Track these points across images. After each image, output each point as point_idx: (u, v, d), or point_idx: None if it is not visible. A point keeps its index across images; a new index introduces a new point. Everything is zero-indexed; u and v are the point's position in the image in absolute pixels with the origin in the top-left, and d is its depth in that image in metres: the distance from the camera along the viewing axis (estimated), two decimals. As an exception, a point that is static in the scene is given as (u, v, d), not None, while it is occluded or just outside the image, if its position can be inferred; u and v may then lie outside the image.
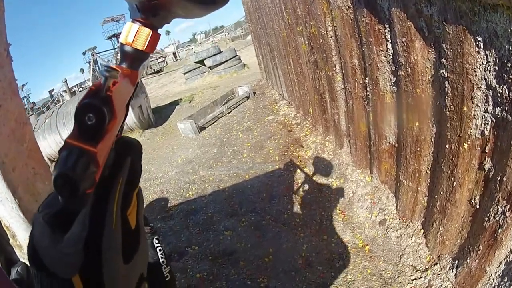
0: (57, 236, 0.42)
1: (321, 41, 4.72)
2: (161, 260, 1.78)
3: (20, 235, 2.14)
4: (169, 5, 0.53)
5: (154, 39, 0.53)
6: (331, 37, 4.38)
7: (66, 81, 32.22)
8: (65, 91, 32.43)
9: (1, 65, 1.45)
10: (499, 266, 2.28)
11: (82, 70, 43.63)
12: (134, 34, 0.52)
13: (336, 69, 4.57)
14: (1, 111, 1.44)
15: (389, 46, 3.05)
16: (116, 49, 40.56)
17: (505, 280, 2.23)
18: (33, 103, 41.64)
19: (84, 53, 41.20)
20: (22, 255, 2.20)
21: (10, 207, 1.99)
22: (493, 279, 2.34)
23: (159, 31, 0.55)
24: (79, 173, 0.39)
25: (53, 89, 40.76)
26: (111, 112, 0.42)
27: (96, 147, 0.41)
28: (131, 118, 10.42)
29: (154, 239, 1.76)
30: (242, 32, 43.94)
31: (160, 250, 1.78)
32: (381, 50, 3.18)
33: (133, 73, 0.54)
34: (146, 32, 0.52)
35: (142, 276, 0.57)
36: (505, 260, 2.22)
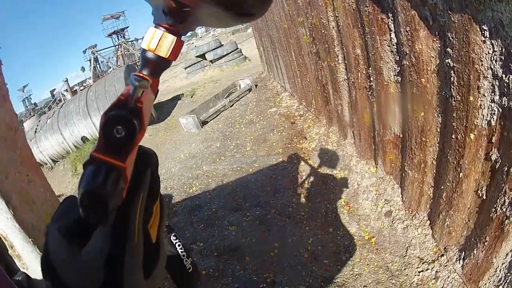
0: (75, 250, 0.41)
1: (323, 31, 4.69)
2: (181, 254, 1.84)
3: (18, 245, 2.12)
4: (200, 13, 0.52)
5: (178, 47, 0.51)
6: (333, 27, 4.35)
7: (67, 80, 32.55)
8: (66, 90, 32.70)
9: (-12, 70, 1.42)
10: (505, 257, 2.27)
11: (83, 69, 43.81)
12: (157, 40, 0.50)
13: (338, 59, 4.55)
14: (-9, 118, 1.41)
15: (393, 35, 3.03)
16: (116, 46, 40.73)
17: (512, 272, 2.22)
18: (35, 103, 41.98)
19: (84, 52, 41.49)
20: (22, 265, 2.18)
21: (5, 217, 1.97)
22: (500, 270, 2.34)
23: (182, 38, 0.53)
24: (109, 191, 0.37)
25: (55, 89, 41.03)
26: (141, 124, 0.40)
27: (126, 162, 0.39)
28: (132, 115, 10.46)
29: (172, 237, 1.80)
30: (242, 25, 43.97)
31: (179, 245, 1.83)
32: (385, 40, 3.16)
33: (154, 81, 0.52)
34: (170, 39, 0.50)
35: None
36: (512, 251, 2.21)
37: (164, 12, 0.50)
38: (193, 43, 40.79)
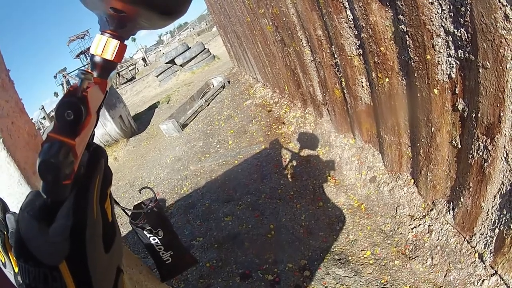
0: (43, 228, 0.46)
1: (284, 19, 4.82)
2: (156, 247, 2.07)
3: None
4: (136, 17, 0.58)
5: (122, 50, 0.59)
6: (293, 13, 4.48)
7: (43, 108, 31.60)
8: (43, 118, 31.78)
9: (5, 89, 1.56)
10: (494, 200, 2.35)
11: (56, 94, 42.57)
12: (103, 45, 0.57)
13: (303, 43, 4.68)
14: (14, 127, 1.56)
15: (348, 12, 3.16)
16: (86, 66, 39.86)
17: (504, 212, 2.28)
18: (16, 135, 40.84)
19: (55, 77, 39.99)
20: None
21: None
22: (492, 213, 2.41)
23: (125, 42, 0.61)
24: (60, 160, 0.44)
25: (32, 118, 39.95)
26: (87, 110, 0.48)
27: (75, 140, 0.46)
28: (113, 129, 10.36)
29: (144, 231, 2.00)
30: (206, 25, 43.68)
31: (154, 239, 2.05)
32: (342, 18, 3.29)
33: (102, 82, 0.59)
34: (114, 43, 0.58)
35: (119, 268, 0.61)
36: (499, 193, 2.29)
37: (107, 20, 0.58)
38: (160, 50, 40.33)
